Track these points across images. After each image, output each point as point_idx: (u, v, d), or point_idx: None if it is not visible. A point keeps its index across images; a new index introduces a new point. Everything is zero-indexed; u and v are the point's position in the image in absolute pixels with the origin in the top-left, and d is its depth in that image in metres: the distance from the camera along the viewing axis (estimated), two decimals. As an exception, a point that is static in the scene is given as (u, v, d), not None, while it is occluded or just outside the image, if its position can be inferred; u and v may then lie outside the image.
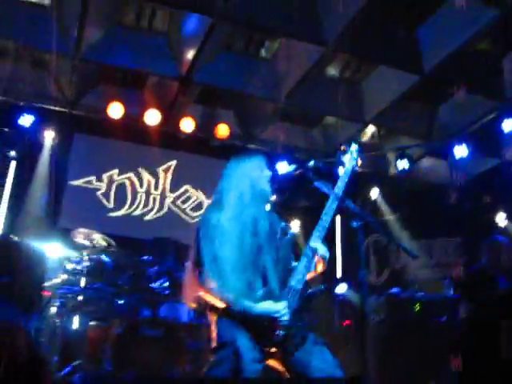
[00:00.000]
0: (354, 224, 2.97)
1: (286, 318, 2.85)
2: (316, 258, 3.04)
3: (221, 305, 2.96)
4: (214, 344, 2.98)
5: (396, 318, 6.10)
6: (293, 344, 2.87)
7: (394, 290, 6.46)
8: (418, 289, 6.79)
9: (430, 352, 5.39)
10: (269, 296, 2.92)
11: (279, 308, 2.86)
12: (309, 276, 3.09)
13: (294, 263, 3.06)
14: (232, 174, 3.26)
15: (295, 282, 2.94)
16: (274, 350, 2.87)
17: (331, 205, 3.12)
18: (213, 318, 3.05)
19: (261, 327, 2.86)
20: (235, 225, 3.06)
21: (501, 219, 8.89)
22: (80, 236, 6.17)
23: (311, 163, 3.21)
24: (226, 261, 2.95)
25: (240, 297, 2.89)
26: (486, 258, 5.40)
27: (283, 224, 3.22)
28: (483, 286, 5.19)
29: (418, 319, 5.99)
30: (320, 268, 3.08)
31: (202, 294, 3.05)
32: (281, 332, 2.85)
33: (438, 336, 5.60)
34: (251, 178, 3.20)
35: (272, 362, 2.98)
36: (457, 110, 7.79)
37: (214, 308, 3.00)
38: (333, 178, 3.24)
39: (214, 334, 3.00)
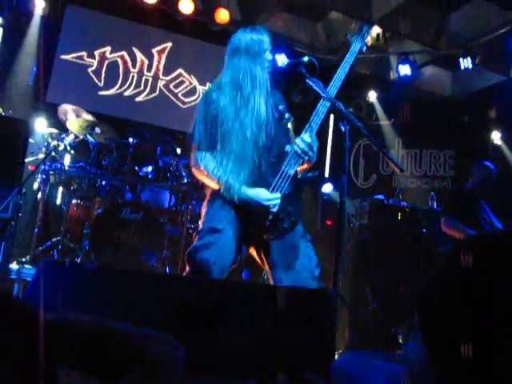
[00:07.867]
0: (342, 128, 2.85)
1: (276, 208, 2.81)
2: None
3: (215, 185, 2.94)
4: (200, 224, 2.99)
5: (377, 224, 6.11)
6: (281, 229, 2.85)
7: (379, 196, 6.43)
8: (402, 198, 6.75)
9: (406, 262, 5.45)
10: (261, 180, 2.87)
11: (272, 197, 2.82)
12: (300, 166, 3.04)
13: (288, 148, 2.94)
14: (234, 54, 3.10)
15: (288, 166, 2.87)
16: (265, 236, 2.86)
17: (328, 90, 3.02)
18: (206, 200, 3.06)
19: (251, 212, 2.83)
20: (231, 106, 2.96)
21: (496, 137, 8.74)
22: (66, 113, 6.02)
23: (305, 59, 3.04)
24: (221, 142, 2.90)
25: (234, 180, 2.85)
26: (472, 182, 5.42)
27: (281, 107, 3.08)
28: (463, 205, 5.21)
29: (399, 228, 6.01)
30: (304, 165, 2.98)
31: (197, 174, 3.03)
32: (270, 218, 2.82)
33: (416, 248, 5.65)
34: (252, 60, 3.05)
35: (253, 252, 3.00)
36: (469, 19, 7.41)
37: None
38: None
39: (202, 214, 3.01)
